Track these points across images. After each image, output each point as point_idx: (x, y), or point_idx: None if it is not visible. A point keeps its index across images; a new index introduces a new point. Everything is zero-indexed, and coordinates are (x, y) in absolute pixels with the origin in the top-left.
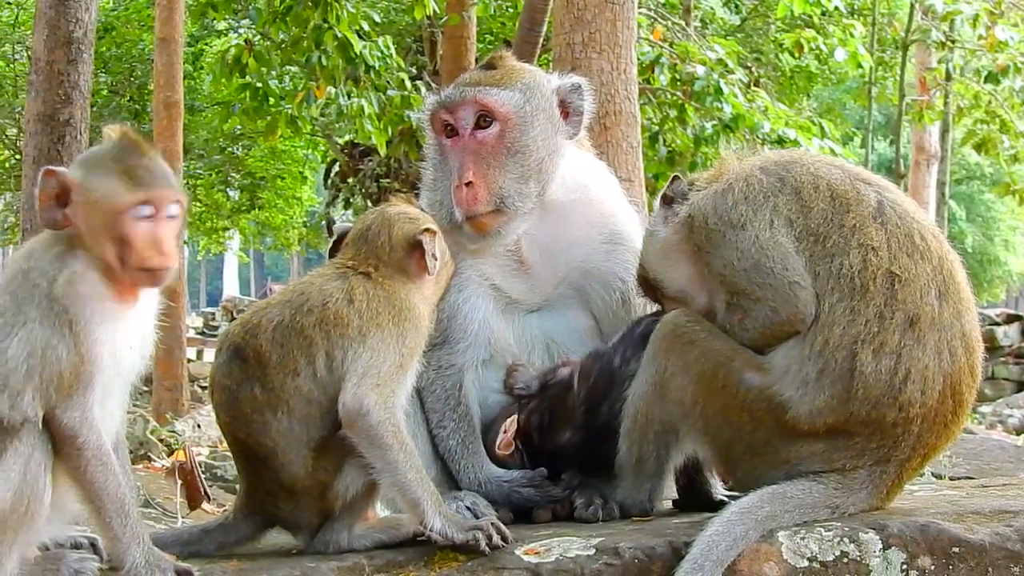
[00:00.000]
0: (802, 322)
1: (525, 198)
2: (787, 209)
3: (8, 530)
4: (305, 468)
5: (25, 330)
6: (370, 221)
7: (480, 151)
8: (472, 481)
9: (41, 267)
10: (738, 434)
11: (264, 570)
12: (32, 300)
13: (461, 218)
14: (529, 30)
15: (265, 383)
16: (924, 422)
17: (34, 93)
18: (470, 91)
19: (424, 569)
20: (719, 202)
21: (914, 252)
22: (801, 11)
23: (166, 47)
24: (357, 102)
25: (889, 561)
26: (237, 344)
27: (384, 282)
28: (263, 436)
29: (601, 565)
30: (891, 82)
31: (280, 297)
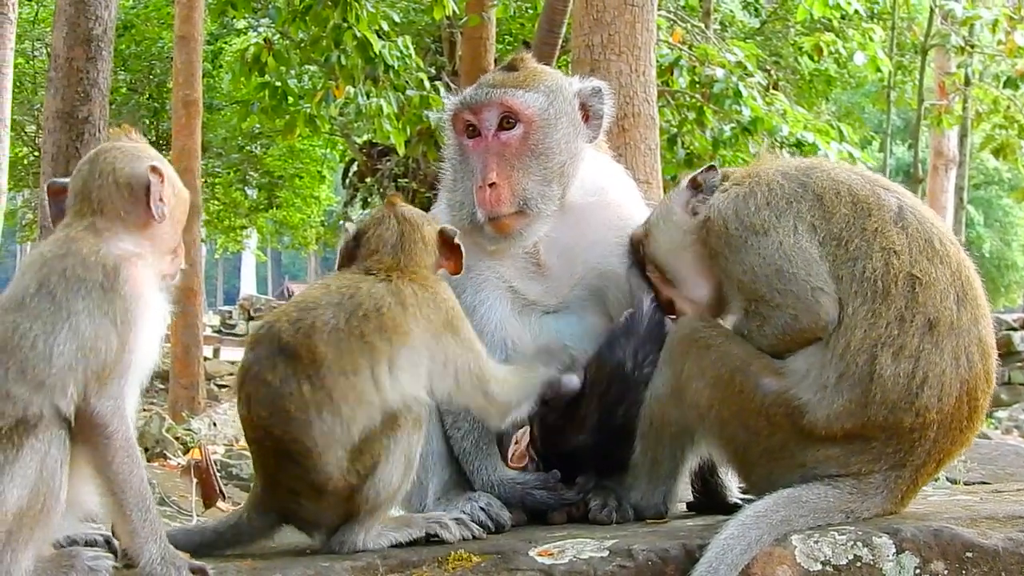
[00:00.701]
0: (823, 329)
1: (548, 200)
2: (810, 215)
3: (24, 528)
4: (339, 469)
5: (71, 324)
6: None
7: (504, 152)
8: (486, 483)
9: (90, 260)
10: (754, 438)
11: (278, 569)
12: (79, 293)
13: (483, 219)
14: (548, 31)
15: (316, 382)
16: (940, 427)
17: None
18: (495, 92)
19: (438, 569)
20: (740, 207)
21: (934, 256)
22: (821, 15)
23: (185, 45)
24: (376, 102)
25: (902, 565)
26: (286, 342)
27: (425, 283)
28: (302, 434)
29: (614, 567)
30: (910, 86)
31: (327, 298)
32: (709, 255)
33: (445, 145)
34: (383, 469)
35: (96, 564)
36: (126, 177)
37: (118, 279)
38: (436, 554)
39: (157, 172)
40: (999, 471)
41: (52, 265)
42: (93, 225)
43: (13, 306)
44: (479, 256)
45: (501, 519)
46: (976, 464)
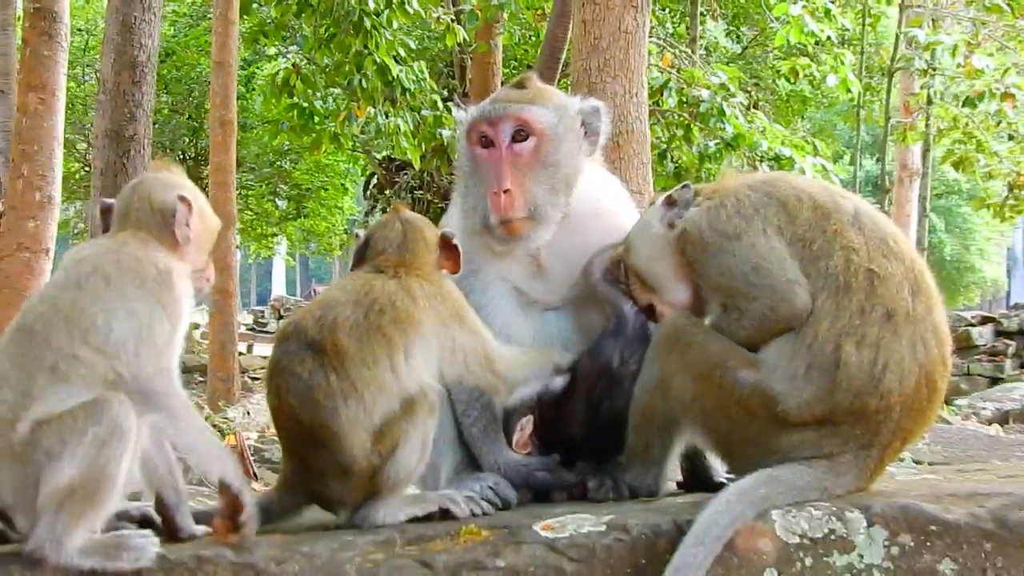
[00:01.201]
0: (799, 317)
1: (555, 208)
2: (776, 219)
3: (96, 500)
4: (363, 451)
5: (128, 308)
6: (403, 229)
7: (516, 162)
8: (493, 465)
9: (142, 258)
10: (734, 427)
11: (306, 543)
12: (134, 283)
13: (495, 222)
14: (550, 56)
15: (341, 372)
16: (903, 409)
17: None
18: (511, 107)
19: (451, 542)
20: (713, 217)
21: (888, 253)
22: (797, 41)
23: (221, 70)
24: (394, 121)
25: (873, 538)
26: (313, 337)
27: (430, 277)
28: (330, 420)
29: (611, 540)
30: (878, 105)
31: (345, 296)
32: (686, 263)
33: (459, 155)
34: (402, 451)
35: (143, 548)
36: (159, 204)
37: (170, 278)
38: (449, 529)
39: (185, 201)
40: (960, 453)
41: (106, 256)
42: (136, 235)
43: (69, 285)
44: (486, 259)
45: (508, 497)
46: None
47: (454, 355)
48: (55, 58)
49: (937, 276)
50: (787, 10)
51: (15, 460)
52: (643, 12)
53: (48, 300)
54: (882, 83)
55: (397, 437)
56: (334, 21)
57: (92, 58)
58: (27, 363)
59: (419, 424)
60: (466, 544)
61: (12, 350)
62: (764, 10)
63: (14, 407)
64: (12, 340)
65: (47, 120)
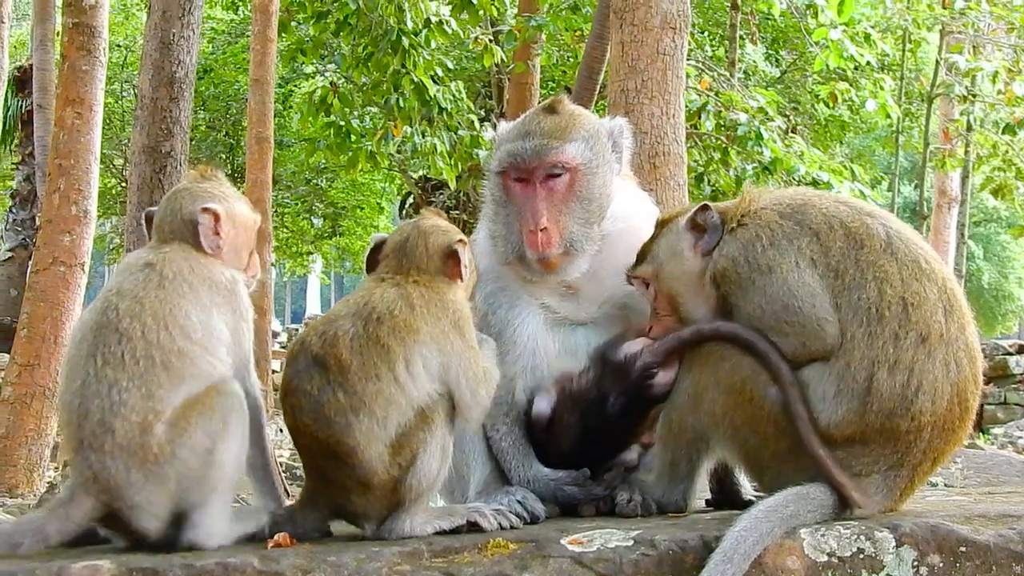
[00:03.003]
0: (828, 353)
1: (591, 241)
2: (809, 250)
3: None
4: (382, 464)
5: (216, 311)
6: (407, 233)
7: (551, 199)
8: (522, 479)
9: (209, 266)
10: (764, 443)
11: (332, 553)
12: (211, 290)
13: (533, 259)
14: (588, 78)
15: (347, 388)
16: (934, 429)
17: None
18: (544, 148)
19: (478, 555)
20: (748, 250)
21: (921, 276)
22: (836, 65)
23: (259, 88)
24: (430, 140)
25: (902, 558)
26: (316, 353)
27: (432, 286)
28: (345, 436)
29: (638, 555)
30: (917, 131)
31: (347, 309)
32: (720, 295)
33: (487, 177)
34: (422, 460)
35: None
36: (188, 215)
37: (238, 285)
38: (476, 541)
39: (209, 212)
40: (993, 479)
41: (177, 263)
42: (180, 245)
43: (151, 286)
44: (517, 281)
45: (536, 511)
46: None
47: (450, 365)
48: (93, 73)
49: (975, 304)
50: (827, 34)
51: (153, 462)
52: (681, 34)
53: (131, 298)
54: (921, 109)
55: (415, 447)
56: (372, 40)
57: (130, 74)
58: (134, 363)
59: (437, 431)
60: (493, 557)
61: (106, 351)
62: (804, 34)
63: (144, 411)
64: (99, 340)
65: (84, 135)
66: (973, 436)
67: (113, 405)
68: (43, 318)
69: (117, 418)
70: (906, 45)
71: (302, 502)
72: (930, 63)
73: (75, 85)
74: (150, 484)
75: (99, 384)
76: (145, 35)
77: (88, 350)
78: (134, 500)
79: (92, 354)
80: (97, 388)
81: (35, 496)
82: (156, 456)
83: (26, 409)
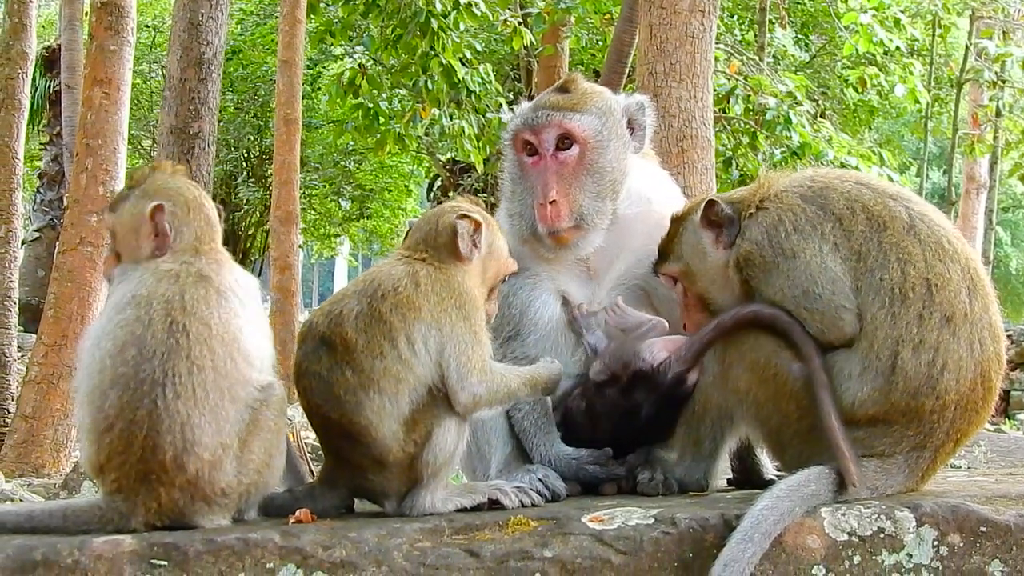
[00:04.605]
0: (846, 341)
1: (602, 215)
2: (832, 236)
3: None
4: (397, 441)
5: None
6: (426, 214)
7: (561, 171)
8: (544, 457)
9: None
10: (786, 420)
11: (354, 530)
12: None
13: (544, 232)
14: (616, 61)
15: (355, 367)
16: (957, 409)
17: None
18: (554, 115)
19: (498, 532)
20: (772, 235)
21: (945, 257)
22: (865, 50)
23: (287, 69)
24: (458, 123)
25: (922, 537)
26: (323, 334)
27: (440, 266)
28: (357, 415)
29: (659, 533)
30: (946, 117)
31: (354, 288)
32: (743, 279)
33: (504, 158)
34: (438, 435)
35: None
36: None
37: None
38: (497, 519)
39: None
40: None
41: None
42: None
43: (213, 303)
44: (536, 261)
45: (557, 489)
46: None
47: (443, 342)
48: (121, 53)
49: (1002, 290)
50: (857, 19)
51: (221, 495)
52: (710, 17)
53: (199, 321)
54: (951, 94)
55: (430, 423)
56: (401, 22)
57: (159, 55)
58: (204, 396)
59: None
60: (514, 534)
61: (176, 383)
62: (833, 18)
63: (215, 447)
64: (168, 367)
65: (112, 115)
66: (998, 421)
67: (188, 444)
68: (70, 298)
69: (191, 457)
70: (936, 30)
71: (321, 481)
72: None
73: (103, 65)
74: (215, 510)
75: (171, 420)
76: (173, 15)
77: (154, 375)
78: (195, 521)
79: (160, 382)
80: (169, 424)
81: (61, 475)
82: (223, 490)
83: (53, 389)
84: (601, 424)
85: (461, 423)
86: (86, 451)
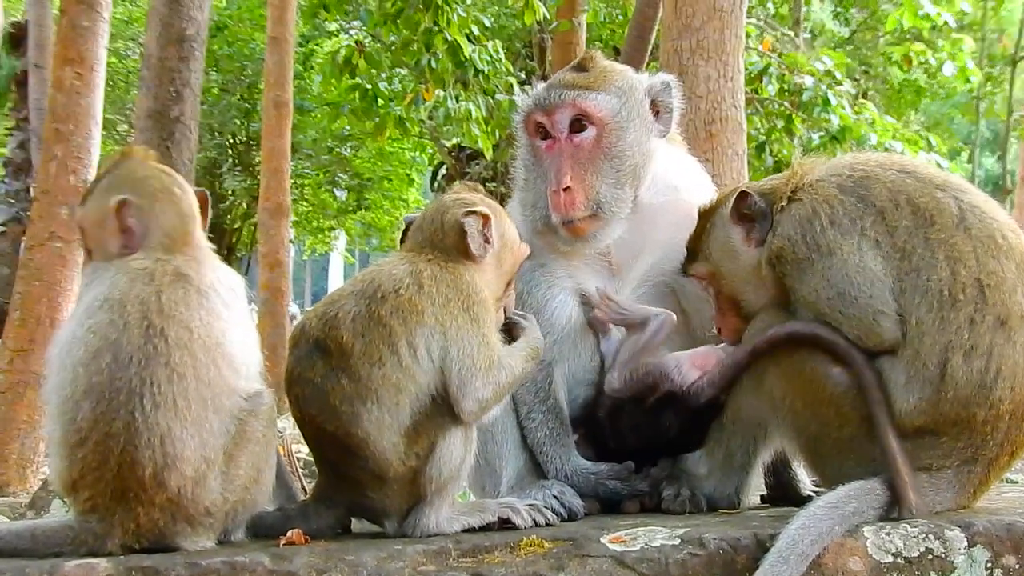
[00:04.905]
0: (888, 348)
1: (622, 203)
2: (874, 231)
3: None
4: (397, 455)
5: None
6: (428, 209)
7: (577, 155)
8: (559, 472)
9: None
10: (825, 429)
11: (350, 552)
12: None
13: (558, 222)
14: (638, 37)
15: (351, 374)
16: (1013, 419)
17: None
18: (568, 94)
19: (510, 555)
20: (807, 229)
21: (999, 254)
22: (911, 25)
23: (277, 47)
24: (465, 105)
25: (974, 559)
26: (317, 337)
27: (447, 266)
28: (354, 427)
29: (685, 555)
30: (1000, 97)
31: (351, 288)
32: (776, 277)
33: (517, 144)
34: (442, 448)
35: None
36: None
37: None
38: (508, 539)
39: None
40: None
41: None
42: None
43: (193, 304)
44: (553, 255)
45: (573, 507)
46: None
47: (448, 345)
48: (95, 30)
49: None
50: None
51: (204, 514)
52: None
53: (178, 324)
54: (1005, 73)
55: (433, 435)
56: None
57: (136, 31)
58: (186, 407)
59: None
60: (527, 556)
61: (155, 392)
62: None
63: (198, 462)
64: (146, 375)
65: (84, 97)
66: None
67: (168, 459)
68: (38, 299)
69: (173, 473)
70: (988, 2)
71: (315, 498)
72: (1014, 23)
73: (74, 43)
74: (199, 531)
75: (150, 433)
76: None
77: (130, 384)
78: (177, 543)
79: (138, 391)
80: (148, 438)
81: (28, 494)
82: (208, 509)
83: (19, 400)
84: (626, 440)
85: (468, 434)
86: (57, 467)
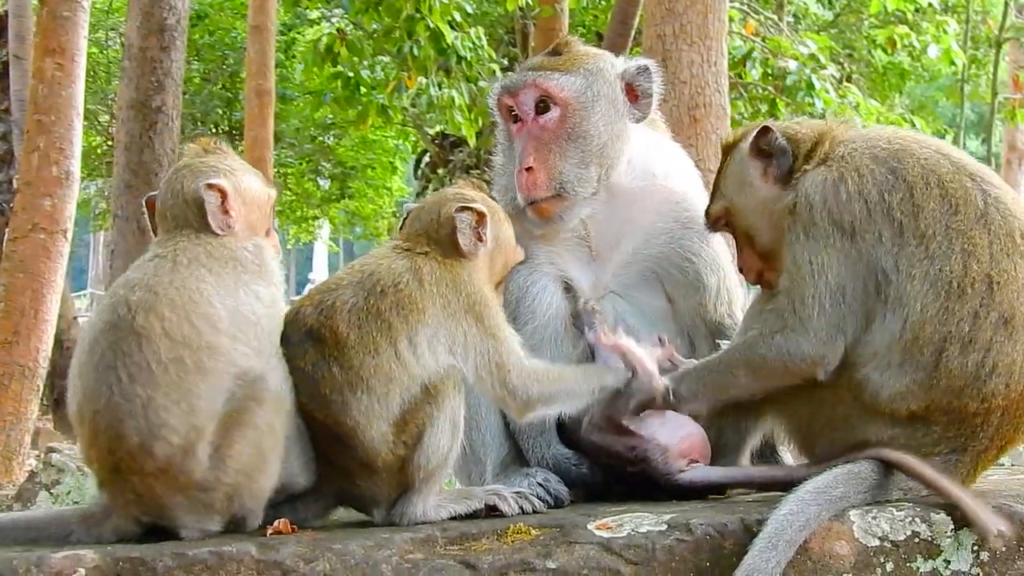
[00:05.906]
0: (817, 370)
1: (585, 183)
2: (900, 211)
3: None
4: (386, 444)
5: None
6: (429, 199)
7: (541, 136)
8: (541, 459)
9: (232, 245)
10: (818, 409)
11: (338, 540)
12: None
13: (523, 203)
14: (621, 23)
15: (343, 363)
16: (1004, 414)
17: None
18: (531, 75)
19: (497, 542)
20: (830, 196)
21: (1014, 252)
22: (894, 7)
23: (259, 35)
24: (448, 93)
25: (960, 542)
26: (312, 326)
27: (444, 261)
28: (343, 415)
29: (673, 540)
30: (984, 80)
31: (348, 278)
32: (786, 228)
33: (495, 131)
34: (430, 436)
35: None
36: (192, 194)
37: (264, 253)
38: (495, 527)
39: (214, 188)
40: None
41: (191, 249)
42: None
43: (165, 272)
44: (532, 241)
45: (560, 493)
46: None
47: (465, 353)
48: (75, 20)
49: None
50: None
51: (199, 489)
52: None
53: (143, 288)
54: (989, 55)
55: (422, 423)
56: None
57: (117, 21)
58: (163, 371)
59: (446, 405)
60: (514, 544)
61: (128, 362)
62: None
63: (185, 429)
64: (116, 348)
65: (66, 88)
66: None
67: (152, 427)
68: (22, 290)
69: (158, 441)
70: None
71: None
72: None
73: (55, 33)
74: (197, 508)
75: (130, 403)
76: None
77: (105, 360)
78: (179, 519)
79: (112, 365)
80: (130, 408)
81: (14, 486)
82: (200, 484)
83: (3, 391)
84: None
85: (456, 423)
86: (78, 445)
